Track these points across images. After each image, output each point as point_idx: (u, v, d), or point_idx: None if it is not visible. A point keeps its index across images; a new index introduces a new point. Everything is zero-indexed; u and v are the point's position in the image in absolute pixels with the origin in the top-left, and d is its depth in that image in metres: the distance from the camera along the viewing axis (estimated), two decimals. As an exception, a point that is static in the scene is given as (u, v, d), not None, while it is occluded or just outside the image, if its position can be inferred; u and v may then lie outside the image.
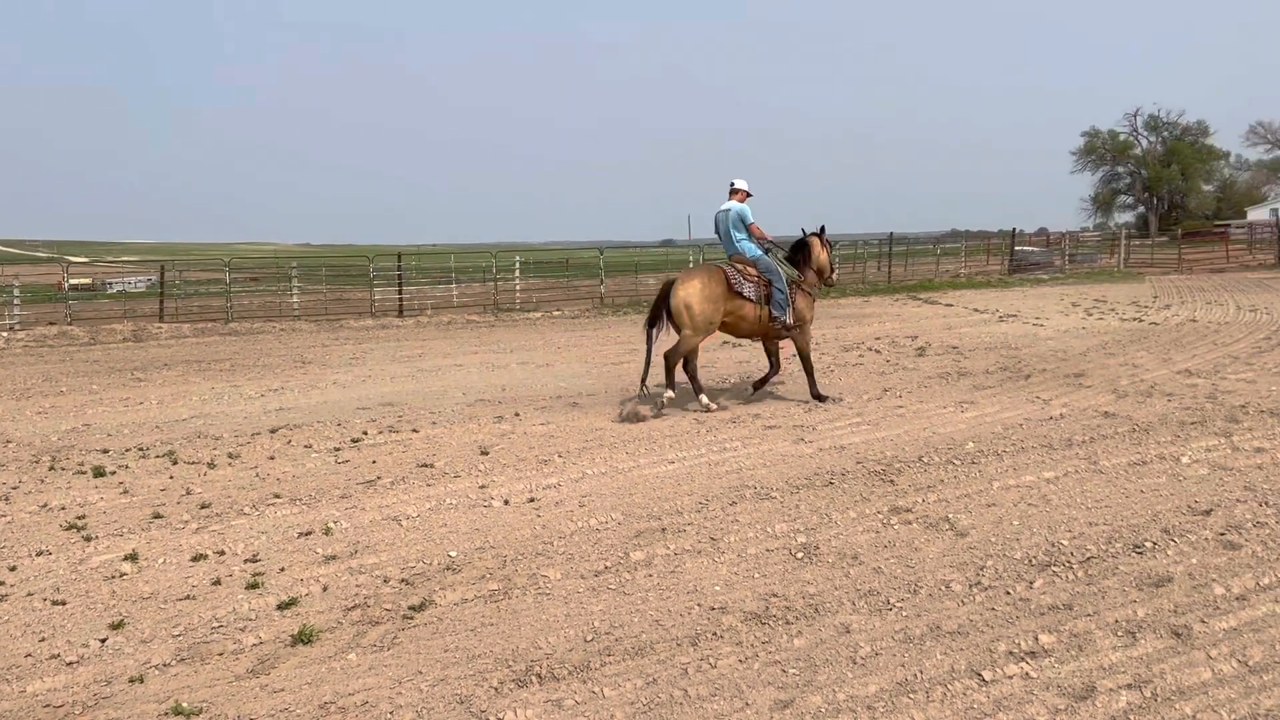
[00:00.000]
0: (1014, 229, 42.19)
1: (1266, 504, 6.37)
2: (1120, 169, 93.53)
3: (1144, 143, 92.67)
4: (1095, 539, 5.81)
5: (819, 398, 10.58)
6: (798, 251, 11.03)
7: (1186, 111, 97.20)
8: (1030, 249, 42.29)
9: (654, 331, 10.44)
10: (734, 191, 10.84)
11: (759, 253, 10.65)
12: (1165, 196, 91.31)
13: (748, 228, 10.69)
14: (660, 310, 10.36)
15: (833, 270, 11.52)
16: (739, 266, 10.47)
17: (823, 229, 11.29)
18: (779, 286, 10.47)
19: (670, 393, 10.14)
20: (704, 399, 10.34)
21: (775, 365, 11.12)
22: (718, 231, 10.90)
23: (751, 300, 10.38)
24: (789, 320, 10.52)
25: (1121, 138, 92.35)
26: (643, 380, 10.40)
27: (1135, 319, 18.79)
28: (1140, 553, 5.58)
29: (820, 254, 11.05)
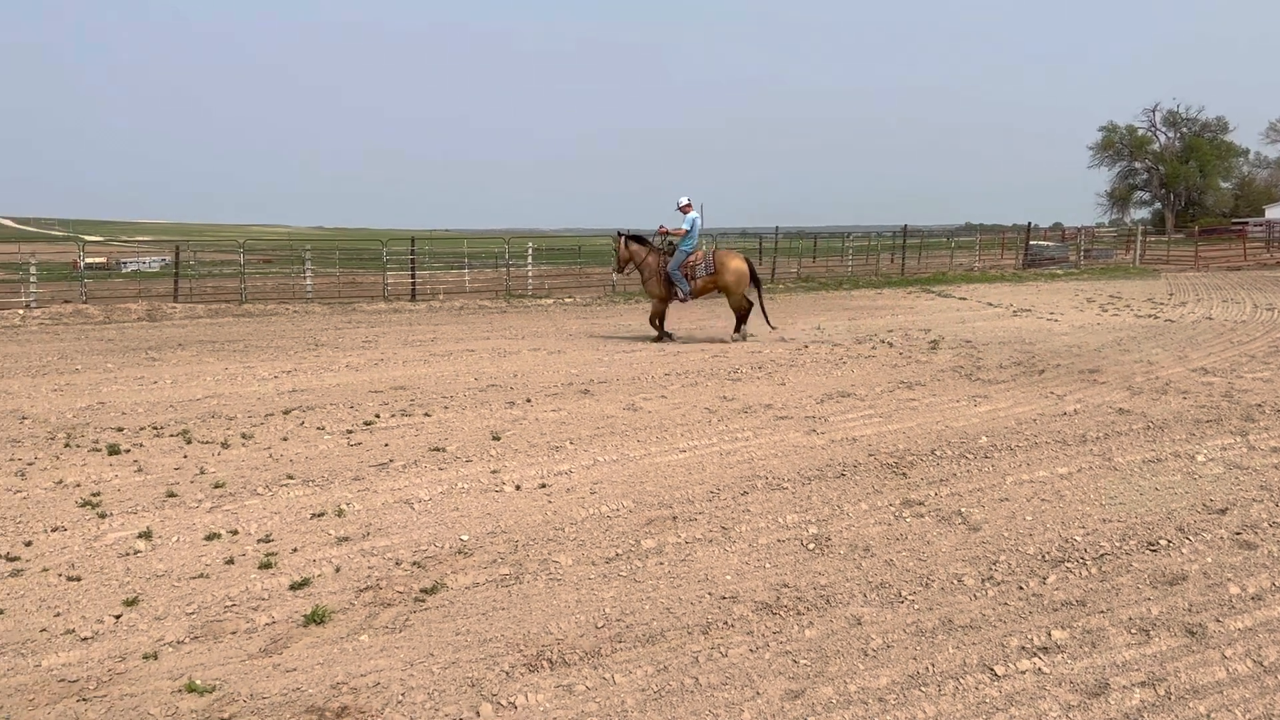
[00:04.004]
0: (1029, 223, 42.06)
1: (1282, 504, 6.33)
2: (1137, 165, 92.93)
3: (1162, 139, 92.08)
4: (1109, 536, 5.80)
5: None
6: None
7: (1206, 108, 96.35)
8: (1045, 244, 42.13)
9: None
10: (689, 205, 16.09)
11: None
12: (1182, 193, 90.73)
13: None
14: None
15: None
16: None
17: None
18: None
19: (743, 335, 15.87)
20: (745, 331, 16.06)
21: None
22: (694, 230, 15.97)
23: None
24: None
25: (1139, 133, 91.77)
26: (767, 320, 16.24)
27: (1150, 315, 18.70)
28: (1155, 550, 5.56)
29: None
